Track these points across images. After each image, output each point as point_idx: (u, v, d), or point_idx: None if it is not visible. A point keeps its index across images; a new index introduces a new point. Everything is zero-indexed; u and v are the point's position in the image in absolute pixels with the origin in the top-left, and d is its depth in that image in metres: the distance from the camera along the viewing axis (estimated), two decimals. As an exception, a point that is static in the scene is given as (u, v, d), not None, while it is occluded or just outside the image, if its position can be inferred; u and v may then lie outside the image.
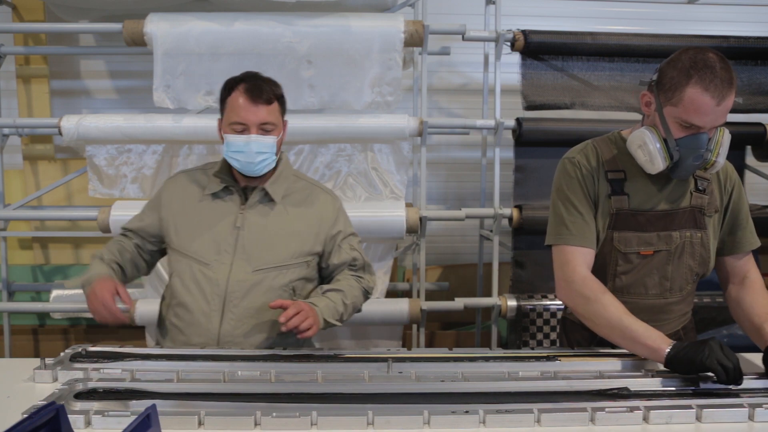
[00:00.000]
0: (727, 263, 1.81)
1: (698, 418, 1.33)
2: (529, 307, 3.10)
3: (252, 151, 1.80)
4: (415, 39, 2.95)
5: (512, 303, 3.10)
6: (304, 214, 1.91)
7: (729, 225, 1.78)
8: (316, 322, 1.74)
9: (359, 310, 1.96)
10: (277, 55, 2.91)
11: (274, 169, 1.91)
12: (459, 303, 3.13)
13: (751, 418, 1.34)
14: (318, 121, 3.00)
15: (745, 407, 1.35)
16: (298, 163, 3.10)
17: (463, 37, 3.06)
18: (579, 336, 1.87)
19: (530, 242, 3.15)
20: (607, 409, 1.32)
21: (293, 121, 3.02)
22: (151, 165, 3.02)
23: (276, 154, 1.87)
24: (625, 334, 1.58)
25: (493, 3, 3.14)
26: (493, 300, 3.16)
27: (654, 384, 1.48)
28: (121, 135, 2.95)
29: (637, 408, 1.33)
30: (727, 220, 1.78)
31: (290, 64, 2.92)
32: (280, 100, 1.89)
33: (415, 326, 3.15)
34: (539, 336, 3.11)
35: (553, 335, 3.09)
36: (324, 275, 1.99)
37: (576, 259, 1.69)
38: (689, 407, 1.34)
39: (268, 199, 1.89)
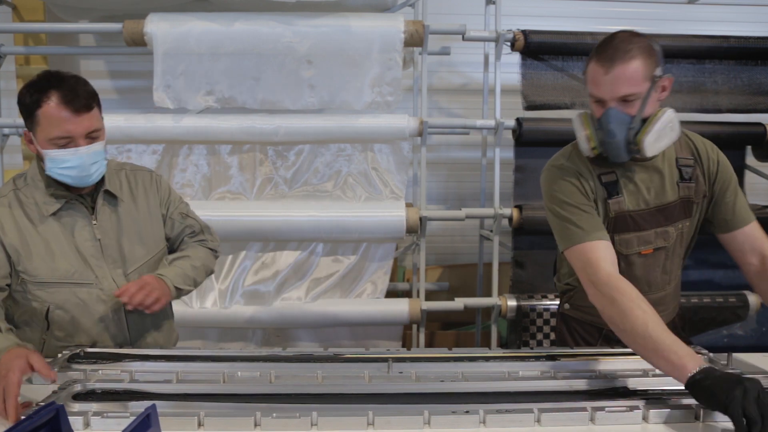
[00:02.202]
0: (738, 239, 1.72)
1: (698, 418, 1.33)
2: (529, 307, 3.10)
3: (86, 164, 1.65)
4: (415, 39, 2.94)
5: (512, 303, 3.10)
6: (144, 200, 1.88)
7: (723, 202, 1.72)
8: (165, 292, 1.74)
9: (212, 271, 1.99)
10: (277, 55, 2.91)
11: None
12: (459, 303, 3.13)
13: (751, 418, 1.34)
14: (318, 121, 3.00)
15: (745, 407, 1.34)
16: (299, 163, 3.10)
17: (463, 37, 3.06)
18: (579, 328, 1.88)
19: (530, 242, 3.15)
20: (607, 409, 1.32)
21: (293, 121, 3.04)
22: (151, 165, 3.01)
23: (105, 157, 1.74)
24: (648, 345, 1.39)
25: (493, 3, 3.14)
26: (493, 300, 3.15)
27: (654, 384, 1.48)
28: (121, 135, 2.95)
29: (637, 408, 1.33)
30: (717, 199, 1.72)
31: (290, 64, 2.92)
32: (97, 99, 1.68)
33: (415, 326, 3.15)
34: (539, 336, 3.11)
35: (554, 335, 3.09)
36: (168, 250, 1.99)
37: (596, 255, 1.57)
38: (689, 407, 1.34)
39: (110, 197, 1.80)
